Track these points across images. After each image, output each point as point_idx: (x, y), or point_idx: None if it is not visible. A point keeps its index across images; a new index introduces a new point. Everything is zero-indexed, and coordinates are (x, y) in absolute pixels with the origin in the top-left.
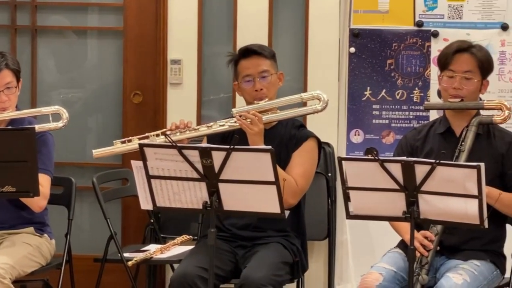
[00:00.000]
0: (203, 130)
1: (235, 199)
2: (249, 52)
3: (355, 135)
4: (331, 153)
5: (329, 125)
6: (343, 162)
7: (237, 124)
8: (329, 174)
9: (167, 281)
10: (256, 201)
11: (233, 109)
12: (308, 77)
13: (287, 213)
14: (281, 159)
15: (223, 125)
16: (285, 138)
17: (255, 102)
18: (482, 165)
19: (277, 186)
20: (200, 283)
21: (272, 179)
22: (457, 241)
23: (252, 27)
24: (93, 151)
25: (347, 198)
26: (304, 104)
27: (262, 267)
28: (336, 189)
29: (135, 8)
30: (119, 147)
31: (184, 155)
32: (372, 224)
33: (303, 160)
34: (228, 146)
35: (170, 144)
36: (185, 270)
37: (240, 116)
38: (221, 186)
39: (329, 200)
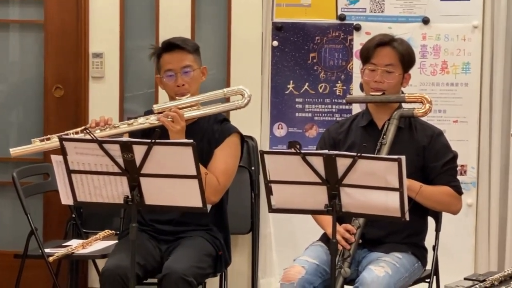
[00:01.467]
0: (124, 127)
1: (156, 193)
2: (171, 46)
3: (278, 128)
4: (254, 146)
5: (252, 118)
6: (265, 155)
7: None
8: (253, 168)
9: (90, 276)
10: (178, 195)
11: (154, 106)
12: (231, 70)
13: (209, 207)
14: (203, 154)
15: (144, 122)
16: (207, 133)
17: (176, 97)
18: (403, 158)
19: (198, 180)
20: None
21: (194, 173)
22: (379, 234)
23: (174, 20)
24: (11, 150)
25: (269, 192)
26: (227, 99)
27: (185, 259)
28: (260, 183)
29: (55, 1)
30: (37, 145)
31: (105, 149)
32: (295, 217)
33: (226, 156)
34: (149, 140)
35: (90, 138)
36: (117, 264)
37: (161, 113)
38: (143, 180)
39: (253, 194)
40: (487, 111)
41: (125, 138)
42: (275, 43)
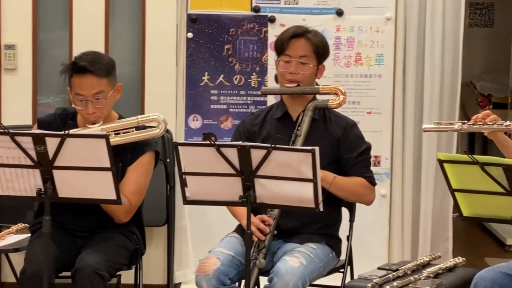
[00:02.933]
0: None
1: (70, 186)
2: (82, 69)
3: (194, 120)
4: (170, 139)
5: (167, 110)
6: (179, 147)
7: None
8: (168, 160)
9: (3, 270)
10: (91, 188)
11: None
12: (146, 62)
13: (124, 199)
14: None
15: None
16: (122, 149)
17: (87, 125)
18: (317, 149)
19: (112, 173)
20: (50, 270)
21: (108, 165)
22: (294, 225)
23: (88, 12)
24: None
25: (183, 184)
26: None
27: (98, 253)
28: (175, 175)
29: None
30: None
31: (17, 142)
32: (211, 209)
33: (138, 176)
34: (62, 133)
35: (2, 130)
36: (34, 260)
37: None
38: (56, 173)
39: (168, 186)
40: (400, 103)
41: (38, 131)
42: (190, 34)
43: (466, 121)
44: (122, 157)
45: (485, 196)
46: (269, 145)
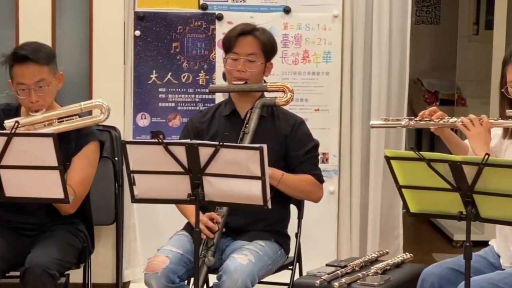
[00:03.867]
0: None
1: (17, 185)
2: (23, 58)
3: (142, 118)
4: (118, 137)
5: (115, 109)
6: (127, 145)
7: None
8: (116, 159)
9: None
10: (39, 187)
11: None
12: (94, 61)
13: (71, 198)
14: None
15: None
16: (66, 139)
17: (30, 113)
18: (265, 146)
19: (60, 171)
20: None
21: (55, 164)
22: (242, 223)
23: (35, 10)
24: None
25: (132, 182)
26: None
27: (48, 252)
28: (123, 173)
29: None
30: None
31: None
32: (160, 207)
33: (83, 166)
34: (8, 132)
35: None
36: None
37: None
38: (3, 172)
39: (116, 185)
40: (348, 100)
41: None
42: (138, 32)
43: (413, 117)
44: (66, 147)
45: (432, 192)
46: (217, 143)
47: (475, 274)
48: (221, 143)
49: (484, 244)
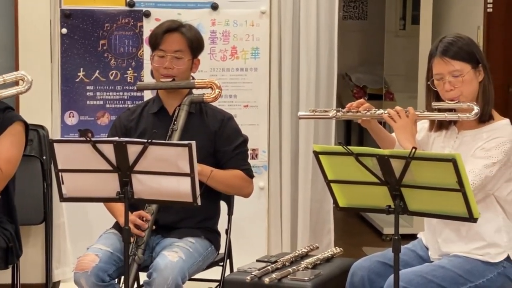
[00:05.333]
0: None
1: None
2: None
3: (70, 117)
4: (45, 136)
5: (42, 107)
6: (55, 144)
7: None
8: (44, 158)
9: None
10: None
11: None
12: (20, 59)
13: None
14: None
15: None
16: None
17: None
18: (193, 143)
19: None
20: None
21: None
22: (172, 220)
23: None
24: None
25: (60, 181)
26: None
27: None
28: (52, 172)
29: None
30: None
31: None
32: (89, 205)
33: (9, 144)
34: None
35: None
36: None
37: None
38: None
39: (45, 184)
40: (276, 96)
41: None
42: (64, 30)
43: (340, 108)
44: None
45: (361, 187)
46: (145, 140)
47: (404, 267)
48: (149, 141)
49: (413, 237)
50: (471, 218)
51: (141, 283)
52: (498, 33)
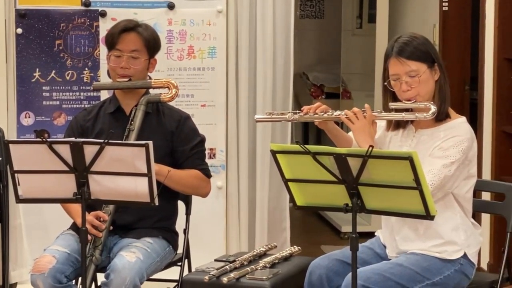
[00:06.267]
0: None
1: None
2: None
3: (26, 117)
4: (1, 136)
5: None
6: (10, 145)
7: None
8: (0, 159)
9: None
10: None
11: None
12: None
13: None
14: None
15: None
16: None
17: None
18: (150, 143)
19: None
20: None
21: None
22: (130, 220)
23: None
24: None
25: (16, 182)
26: None
27: None
28: (8, 173)
29: None
30: None
31: None
32: (46, 206)
33: None
34: None
35: None
36: None
37: None
38: None
39: (1, 185)
40: (234, 95)
41: None
42: (19, 30)
43: (297, 111)
44: None
45: (318, 185)
46: (102, 140)
47: (362, 265)
48: (106, 141)
49: (372, 235)
50: (428, 216)
51: (98, 284)
52: (454, 31)
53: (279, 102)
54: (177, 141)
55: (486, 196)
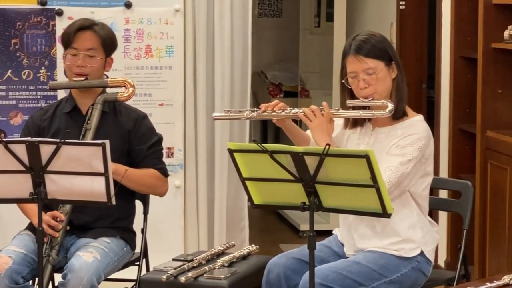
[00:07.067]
0: None
1: None
2: None
3: None
4: None
5: None
6: None
7: None
8: None
9: None
10: None
11: None
12: None
13: None
14: None
15: None
16: None
17: None
18: (107, 142)
19: None
20: None
21: None
22: (87, 220)
23: None
24: None
25: None
26: None
27: None
28: None
29: None
30: None
31: None
32: (2, 207)
33: None
34: None
35: None
36: None
37: None
38: None
39: None
40: (191, 94)
41: None
42: None
43: (255, 108)
44: None
45: (276, 184)
46: (58, 140)
47: (319, 263)
48: (62, 140)
49: (330, 233)
50: (384, 213)
51: (56, 284)
52: (411, 30)
53: (237, 101)
54: (134, 140)
55: (443, 194)
